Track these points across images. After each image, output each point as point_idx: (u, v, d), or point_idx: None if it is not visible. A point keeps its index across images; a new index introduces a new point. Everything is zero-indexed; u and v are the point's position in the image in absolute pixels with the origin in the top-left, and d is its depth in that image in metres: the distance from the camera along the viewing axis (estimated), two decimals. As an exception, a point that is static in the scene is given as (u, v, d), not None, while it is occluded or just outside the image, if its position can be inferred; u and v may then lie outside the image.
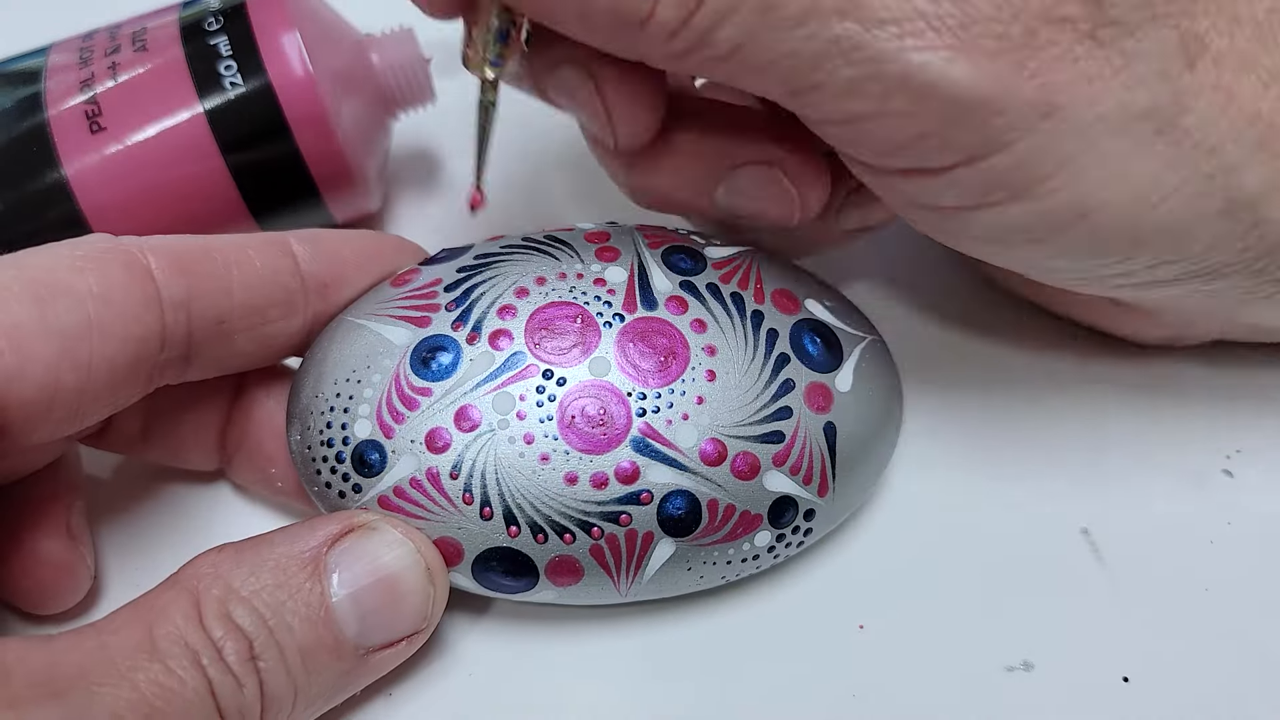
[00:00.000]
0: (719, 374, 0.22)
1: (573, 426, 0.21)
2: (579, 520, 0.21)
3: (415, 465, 0.21)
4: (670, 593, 0.22)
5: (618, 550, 0.21)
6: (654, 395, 0.21)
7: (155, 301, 0.20)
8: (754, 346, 0.22)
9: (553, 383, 0.21)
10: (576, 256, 0.23)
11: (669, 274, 0.23)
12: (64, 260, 0.20)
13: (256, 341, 0.22)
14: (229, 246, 0.22)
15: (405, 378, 0.21)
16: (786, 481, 0.22)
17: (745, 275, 0.24)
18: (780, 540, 0.22)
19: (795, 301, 0.24)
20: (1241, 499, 0.25)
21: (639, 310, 0.22)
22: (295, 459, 0.22)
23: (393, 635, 0.21)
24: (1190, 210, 0.20)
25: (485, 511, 0.21)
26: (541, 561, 0.21)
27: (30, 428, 0.19)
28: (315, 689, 0.20)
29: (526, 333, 0.22)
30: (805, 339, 0.23)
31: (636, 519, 0.21)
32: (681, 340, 0.22)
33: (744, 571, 0.22)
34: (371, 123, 0.30)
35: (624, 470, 0.21)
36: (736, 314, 0.23)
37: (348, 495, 0.21)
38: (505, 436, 0.21)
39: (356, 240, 0.24)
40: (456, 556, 0.21)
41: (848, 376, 0.23)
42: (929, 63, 0.18)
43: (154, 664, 0.18)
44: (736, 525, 0.21)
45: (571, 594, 0.22)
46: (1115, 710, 0.22)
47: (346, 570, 0.20)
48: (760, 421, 0.22)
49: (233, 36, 0.27)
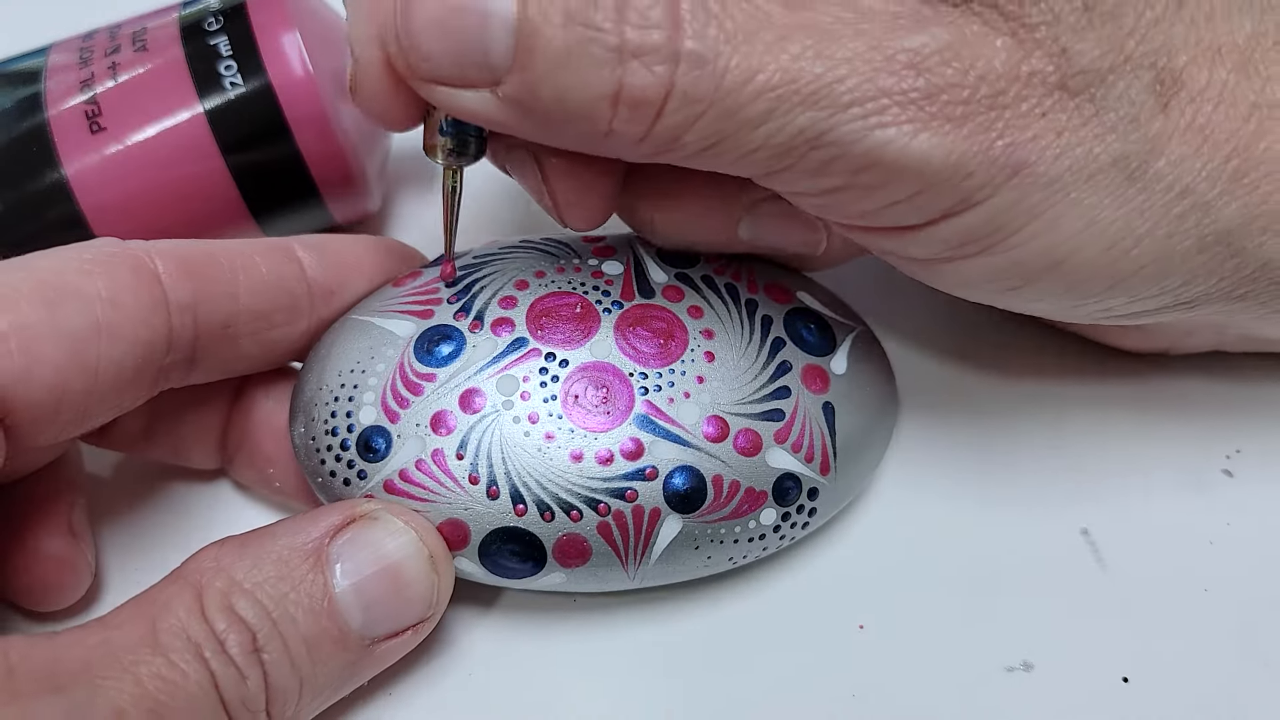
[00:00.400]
0: (717, 355, 0.22)
1: (577, 405, 0.21)
2: (585, 497, 0.21)
3: (420, 448, 0.21)
4: (678, 576, 0.22)
5: (625, 527, 0.21)
6: (655, 375, 0.22)
7: (162, 305, 0.20)
8: (750, 330, 0.23)
9: (555, 364, 0.22)
10: (574, 253, 0.24)
11: (664, 267, 0.24)
12: (72, 263, 0.20)
13: (261, 345, 0.23)
14: (235, 252, 0.22)
15: (409, 365, 0.22)
16: (789, 458, 0.22)
17: (738, 269, 0.24)
18: (785, 520, 0.22)
19: (788, 293, 0.24)
20: (1241, 499, 0.25)
21: (637, 298, 0.23)
22: (299, 452, 0.22)
23: (398, 625, 0.21)
24: (1164, 251, 0.20)
25: (492, 491, 0.21)
26: (549, 541, 0.21)
27: (37, 429, 0.19)
28: (321, 680, 0.20)
29: (528, 319, 0.22)
30: (799, 325, 0.24)
31: (643, 495, 0.21)
32: (679, 324, 0.22)
33: (751, 553, 0.22)
34: (371, 123, 0.29)
35: (628, 447, 0.21)
36: (731, 301, 0.23)
37: (353, 483, 0.22)
38: (510, 416, 0.21)
39: (360, 245, 0.24)
40: (463, 540, 0.21)
41: (842, 360, 0.24)
42: (894, 139, 0.18)
43: (157, 657, 0.18)
44: (742, 502, 0.22)
45: (579, 577, 0.22)
46: (1115, 710, 0.22)
47: (349, 560, 0.20)
48: (760, 400, 0.22)
49: (233, 36, 0.27)
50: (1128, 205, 0.19)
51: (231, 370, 0.23)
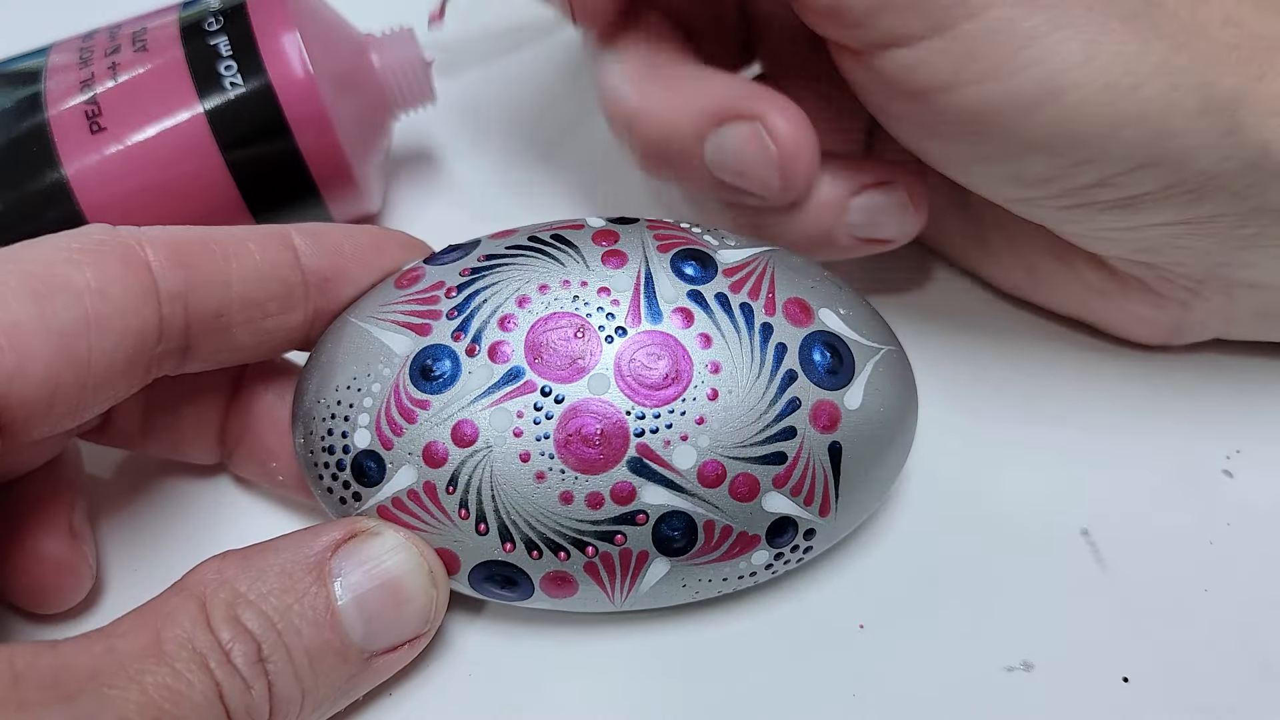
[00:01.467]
0: (722, 392, 0.21)
1: (569, 446, 0.21)
2: (573, 539, 0.21)
3: (413, 477, 0.21)
4: (665, 604, 0.22)
5: (612, 568, 0.21)
6: (653, 415, 0.21)
7: (152, 294, 0.20)
8: (760, 362, 0.22)
9: (550, 400, 0.21)
10: (582, 261, 0.23)
11: (676, 282, 0.22)
12: (61, 254, 0.19)
13: (256, 335, 0.22)
14: (228, 238, 0.22)
15: (404, 389, 0.21)
16: (786, 503, 0.21)
17: (758, 283, 0.23)
18: (778, 558, 0.22)
19: (808, 313, 0.22)
20: (1241, 499, 0.25)
21: (643, 323, 0.22)
22: (300, 460, 0.22)
23: (397, 638, 0.21)
24: (1166, 103, 0.20)
25: (481, 527, 0.21)
26: (536, 576, 0.21)
27: (31, 425, 0.19)
28: (322, 691, 0.20)
29: (526, 347, 0.21)
30: (815, 353, 0.22)
31: (631, 539, 0.21)
32: (685, 356, 0.21)
33: (740, 586, 0.22)
34: (371, 123, 0.30)
35: (619, 491, 0.21)
36: (745, 327, 0.22)
37: (349, 502, 0.22)
38: (501, 454, 0.21)
39: (359, 235, 0.24)
40: (454, 567, 0.21)
41: (858, 394, 0.22)
42: None
43: (161, 667, 0.18)
44: (733, 546, 0.21)
45: (566, 604, 0.22)
46: (1115, 711, 0.22)
47: (351, 575, 0.20)
48: (762, 442, 0.21)
49: (233, 36, 0.27)
50: (1130, 41, 0.19)
51: (227, 360, 0.23)
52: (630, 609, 0.22)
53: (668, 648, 0.23)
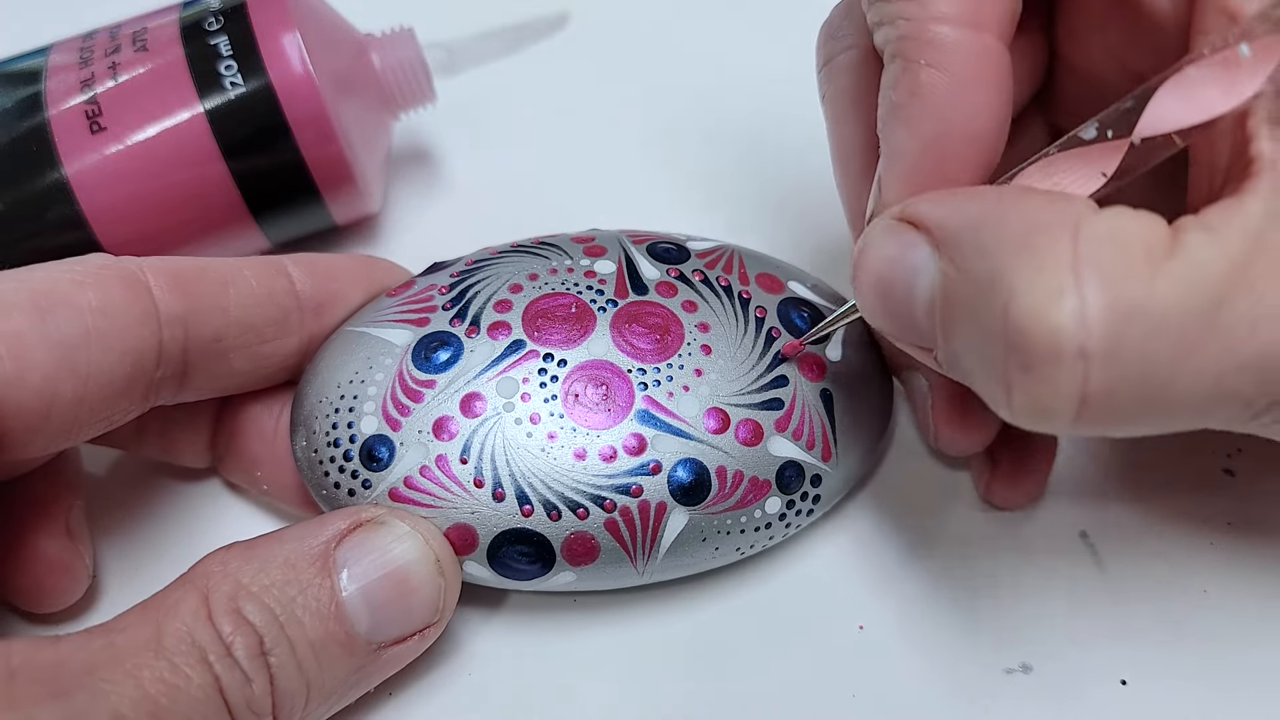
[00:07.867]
0: (714, 348, 0.23)
1: (577, 403, 0.22)
2: (591, 495, 0.21)
3: (424, 454, 0.21)
4: (687, 570, 0.22)
5: (632, 523, 0.21)
6: (653, 370, 0.22)
7: (153, 316, 0.21)
8: (744, 322, 0.23)
9: (554, 364, 0.22)
10: (566, 254, 0.24)
11: (655, 263, 0.24)
12: (65, 275, 0.20)
13: (252, 360, 0.23)
14: (225, 267, 0.22)
15: (408, 372, 0.22)
16: (790, 446, 0.22)
17: (729, 263, 0.25)
18: (790, 508, 0.23)
19: (779, 284, 0.25)
20: (1241, 499, 0.25)
21: (630, 295, 0.23)
22: (301, 466, 0.23)
23: (405, 629, 0.21)
24: None
25: (498, 493, 0.21)
26: (557, 540, 0.21)
27: (28, 437, 0.19)
28: (328, 684, 0.20)
29: (524, 321, 0.22)
30: (792, 314, 0.24)
31: (648, 489, 0.21)
32: (674, 319, 0.23)
33: (758, 543, 0.23)
34: (371, 123, 0.30)
35: (631, 442, 0.21)
36: (724, 294, 0.24)
37: (357, 493, 0.22)
38: (511, 418, 0.21)
39: (349, 262, 0.25)
40: (471, 544, 0.21)
41: (836, 348, 0.24)
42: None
43: (160, 661, 0.18)
44: (746, 491, 0.22)
45: (589, 576, 0.22)
46: (1114, 713, 0.22)
47: (356, 565, 0.20)
48: (759, 390, 0.22)
49: (233, 36, 0.27)
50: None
51: (223, 388, 0.23)
52: (653, 579, 0.22)
53: (668, 648, 0.23)
